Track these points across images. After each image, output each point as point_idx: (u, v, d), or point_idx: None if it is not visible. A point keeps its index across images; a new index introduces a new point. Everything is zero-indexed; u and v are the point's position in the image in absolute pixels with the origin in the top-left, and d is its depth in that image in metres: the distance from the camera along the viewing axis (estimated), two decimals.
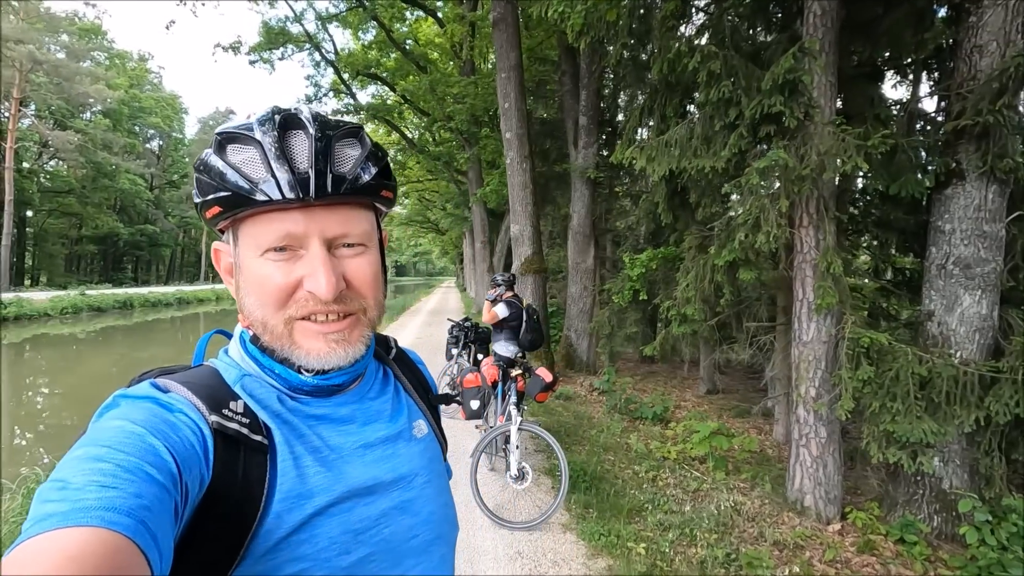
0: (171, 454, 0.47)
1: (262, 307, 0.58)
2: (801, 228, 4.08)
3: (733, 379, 9.43)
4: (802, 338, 4.05)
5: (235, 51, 15.72)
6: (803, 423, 4.00)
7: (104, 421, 0.49)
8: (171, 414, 0.52)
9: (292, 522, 0.54)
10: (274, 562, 0.52)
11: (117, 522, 0.38)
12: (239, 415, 0.55)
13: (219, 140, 0.58)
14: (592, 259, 9.24)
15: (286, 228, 0.56)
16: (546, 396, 3.76)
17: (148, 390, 0.54)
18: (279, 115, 0.58)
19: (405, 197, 30.01)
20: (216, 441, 0.52)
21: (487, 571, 2.79)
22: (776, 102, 3.78)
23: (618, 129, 10.03)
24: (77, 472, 0.42)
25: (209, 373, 0.60)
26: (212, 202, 0.57)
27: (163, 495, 0.43)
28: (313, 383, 0.61)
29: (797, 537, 3.41)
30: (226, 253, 0.63)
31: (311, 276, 0.56)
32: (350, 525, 0.58)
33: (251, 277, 0.59)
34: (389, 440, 0.67)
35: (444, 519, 0.70)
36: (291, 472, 0.56)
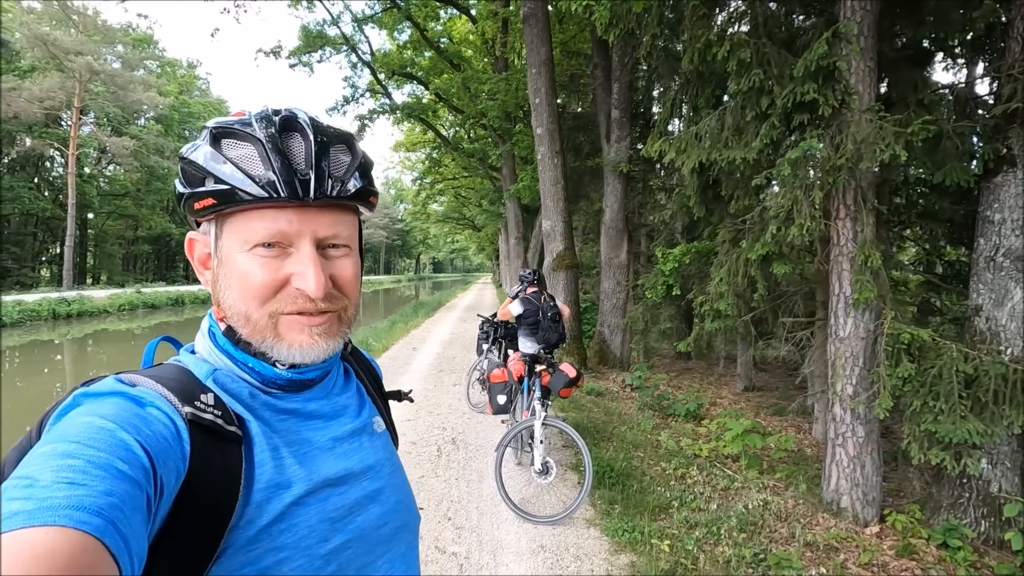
0: (143, 449, 0.46)
1: (245, 300, 0.59)
2: (838, 220, 3.93)
3: (773, 376, 9.17)
4: (838, 334, 3.91)
5: (276, 55, 16.18)
6: (839, 422, 3.87)
7: (69, 418, 0.48)
8: (142, 408, 0.51)
9: (272, 512, 0.55)
10: (255, 552, 0.53)
11: (86, 522, 0.37)
12: (211, 407, 0.55)
13: (213, 133, 0.58)
14: (625, 254, 9.13)
15: (278, 226, 0.57)
16: (570, 391, 3.75)
17: (114, 385, 0.53)
18: (278, 116, 0.59)
19: (441, 194, 30.30)
20: (192, 432, 0.52)
21: (509, 564, 2.82)
22: (809, 90, 3.65)
23: (652, 122, 9.87)
24: (45, 469, 0.40)
25: (175, 368, 0.60)
26: (205, 194, 0.57)
27: (135, 492, 0.42)
28: (288, 377, 0.62)
29: (831, 539, 3.30)
30: (202, 244, 0.63)
31: (301, 275, 0.58)
32: (326, 514, 0.60)
33: (235, 271, 0.59)
34: (355, 434, 0.68)
35: (408, 508, 0.72)
36: (269, 463, 0.57)
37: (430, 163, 24.90)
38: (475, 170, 20.11)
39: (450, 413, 5.85)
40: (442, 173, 25.77)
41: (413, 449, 4.59)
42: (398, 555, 0.68)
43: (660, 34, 6.34)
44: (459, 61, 16.45)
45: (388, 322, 15.03)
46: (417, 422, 5.45)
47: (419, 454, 4.48)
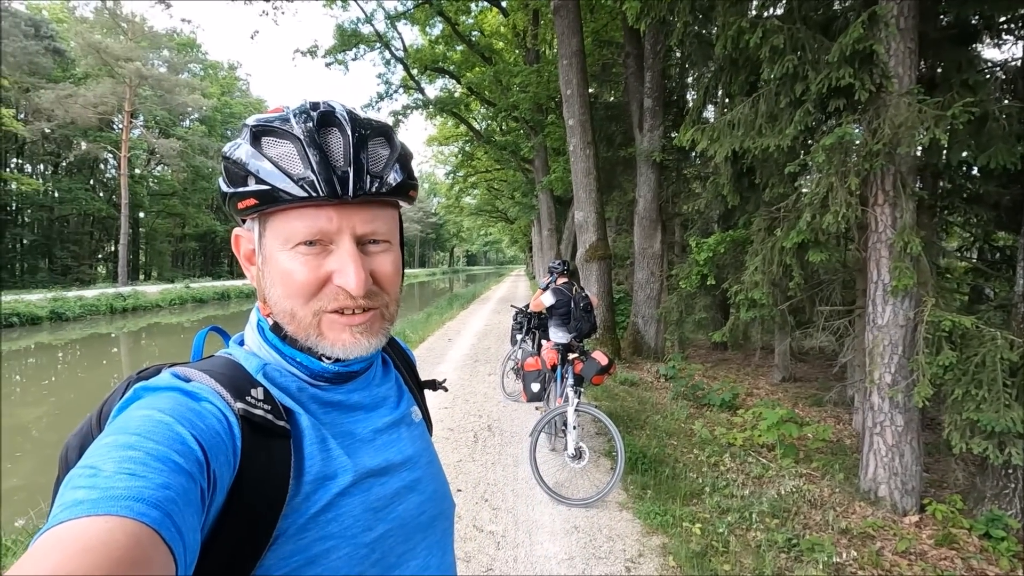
0: (198, 443, 0.48)
1: (289, 298, 0.59)
2: (876, 206, 3.86)
3: (812, 367, 8.99)
4: (876, 322, 3.86)
5: (312, 55, 16.59)
6: (877, 410, 3.83)
7: (130, 411, 0.50)
8: (197, 403, 0.53)
9: (320, 502, 0.57)
10: (305, 540, 0.55)
11: (144, 513, 0.39)
12: (261, 402, 0.57)
13: (253, 132, 0.58)
14: (659, 244, 9.08)
15: (319, 224, 0.57)
16: (602, 379, 3.82)
17: (170, 380, 0.55)
18: (315, 111, 0.59)
19: (474, 187, 30.51)
20: (243, 428, 0.54)
21: (544, 543, 2.94)
22: (845, 74, 3.60)
23: (685, 110, 9.74)
24: (107, 459, 0.42)
25: (226, 363, 0.61)
26: (247, 194, 0.57)
27: (190, 485, 0.44)
28: (334, 370, 0.64)
29: (867, 527, 3.30)
30: (247, 240, 0.64)
31: (341, 272, 0.58)
32: (369, 504, 0.62)
33: (278, 269, 0.59)
34: (394, 425, 0.71)
35: (444, 497, 0.75)
36: (317, 455, 0.59)
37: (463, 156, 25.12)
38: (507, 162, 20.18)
39: (485, 401, 6.00)
40: (475, 166, 25.95)
41: (451, 435, 4.76)
42: (435, 542, 0.70)
43: (693, 20, 6.28)
44: (490, 54, 16.52)
45: (424, 314, 15.34)
46: (454, 409, 5.62)
47: (456, 440, 4.64)
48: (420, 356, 9.05)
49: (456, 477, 3.82)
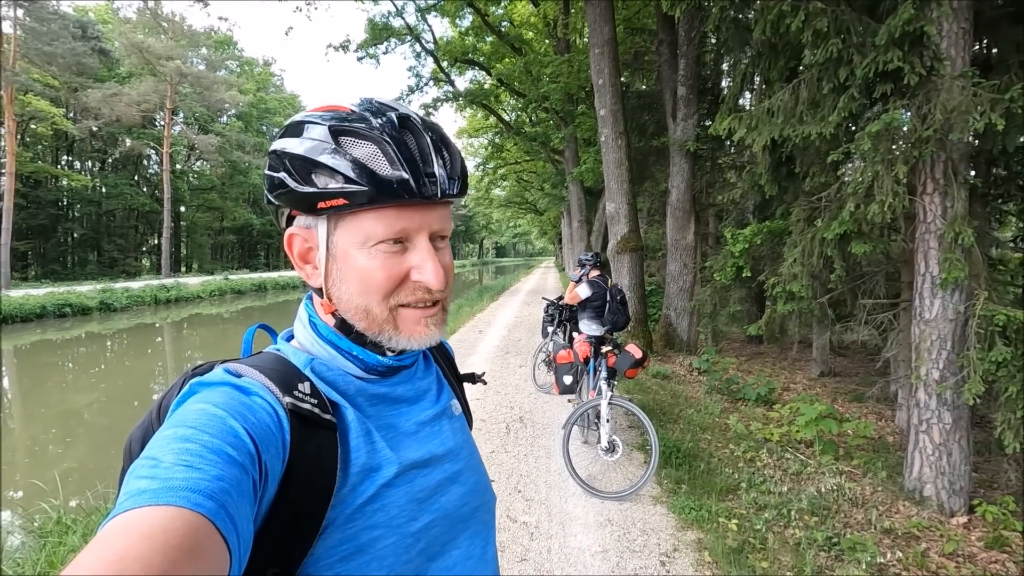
0: (250, 436, 0.49)
1: (366, 295, 0.61)
2: (924, 195, 3.71)
3: (852, 361, 8.73)
4: (924, 316, 3.71)
5: (344, 49, 16.81)
6: (924, 407, 3.69)
7: (187, 406, 0.52)
8: (248, 397, 0.55)
9: (366, 493, 0.59)
10: (353, 529, 0.57)
11: (200, 504, 0.41)
12: (308, 396, 0.58)
13: (332, 130, 0.59)
14: (692, 235, 8.93)
15: (401, 223, 0.59)
16: (636, 372, 3.79)
17: (223, 376, 0.57)
18: (391, 112, 0.61)
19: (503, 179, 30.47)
20: (292, 421, 0.55)
21: (577, 535, 2.94)
22: (893, 57, 3.45)
23: (720, 98, 9.50)
24: (167, 451, 0.45)
25: (275, 358, 0.63)
26: (335, 194, 0.57)
27: (242, 476, 0.46)
28: (388, 363, 0.66)
29: (912, 527, 3.19)
30: (304, 239, 0.63)
31: (420, 268, 0.60)
32: (414, 495, 0.63)
33: (355, 267, 0.60)
34: (436, 418, 0.72)
35: (485, 488, 0.76)
36: (363, 448, 0.61)
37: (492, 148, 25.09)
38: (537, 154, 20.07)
39: (517, 393, 6.03)
40: (504, 158, 25.91)
41: (483, 426, 4.80)
42: (476, 532, 0.71)
43: (730, 5, 6.11)
44: (520, 44, 16.43)
45: (455, 306, 15.46)
46: (486, 401, 5.67)
47: (489, 431, 4.68)
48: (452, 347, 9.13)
49: (489, 468, 3.85)
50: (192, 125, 37.90)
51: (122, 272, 33.81)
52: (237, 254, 49.37)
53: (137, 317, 19.46)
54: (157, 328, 18.30)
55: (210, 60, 38.10)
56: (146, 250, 40.93)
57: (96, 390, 10.34)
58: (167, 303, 22.94)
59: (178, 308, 22.66)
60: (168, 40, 32.72)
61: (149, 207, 36.66)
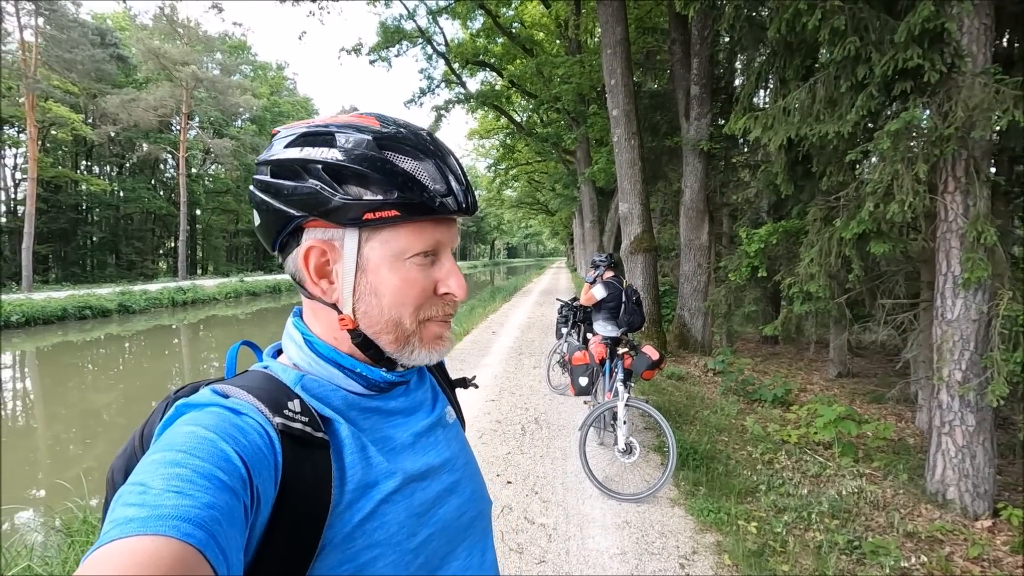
0: (241, 459, 0.48)
1: (399, 308, 0.61)
2: (946, 194, 3.66)
3: (870, 362, 8.62)
4: (946, 316, 3.66)
5: (356, 53, 16.95)
6: (946, 409, 3.64)
7: (174, 428, 0.51)
8: (238, 418, 0.53)
9: (363, 510, 0.57)
10: (352, 550, 0.55)
11: (190, 534, 0.40)
12: (298, 414, 0.56)
13: (379, 143, 0.58)
14: (706, 235, 8.87)
15: (437, 236, 0.61)
16: (652, 373, 3.78)
17: (211, 397, 0.55)
18: (421, 130, 0.63)
19: (515, 180, 30.51)
20: (283, 442, 0.54)
21: (595, 536, 2.94)
22: (913, 55, 3.41)
23: (734, 97, 9.44)
24: (156, 476, 0.43)
25: (262, 376, 0.61)
26: (389, 205, 0.57)
27: (234, 502, 0.45)
28: (391, 379, 0.65)
29: (935, 530, 3.15)
30: (323, 251, 0.61)
31: (448, 280, 0.63)
32: (413, 509, 0.62)
33: (389, 280, 0.60)
34: (432, 428, 0.71)
35: (482, 497, 0.76)
36: (358, 464, 0.59)
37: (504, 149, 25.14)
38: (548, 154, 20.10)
39: (531, 394, 6.03)
40: (516, 159, 25.95)
41: (499, 428, 4.81)
42: (474, 542, 0.70)
43: (744, 3, 6.07)
44: (531, 45, 16.45)
45: (467, 307, 15.49)
46: (501, 402, 5.68)
47: (504, 432, 4.69)
48: (465, 349, 9.17)
49: (505, 469, 3.86)
50: (207, 129, 38.36)
51: (140, 275, 34.33)
52: (251, 256, 49.87)
53: (155, 319, 19.76)
54: (174, 330, 18.55)
55: (224, 65, 38.56)
56: (163, 253, 41.50)
57: (115, 391, 10.52)
58: (184, 305, 23.25)
59: (195, 310, 22.95)
60: (184, 45, 33.16)
61: (166, 210, 37.20)
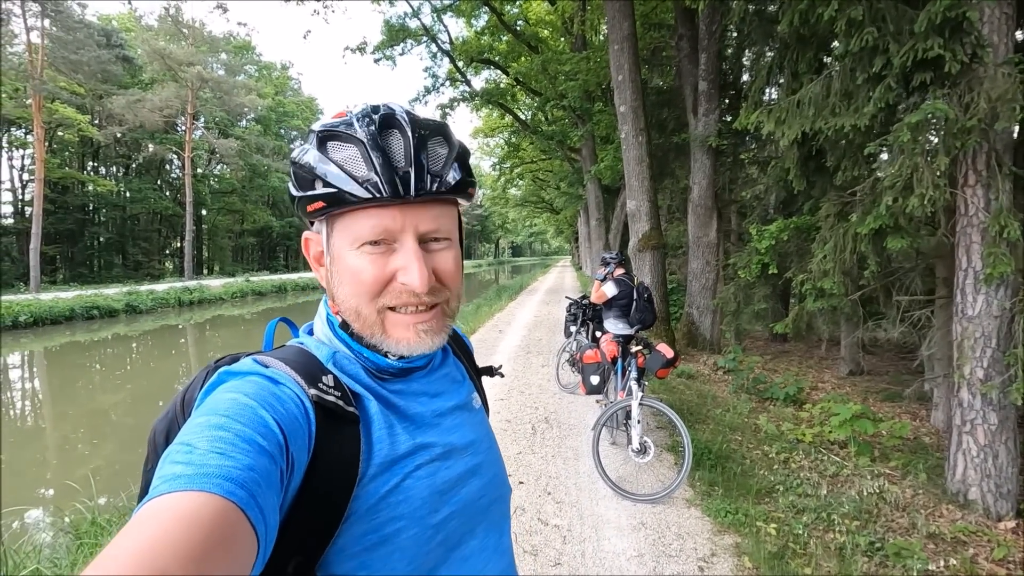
0: (279, 426, 0.51)
1: (356, 296, 0.61)
2: (966, 188, 3.58)
3: (882, 360, 8.52)
4: (966, 312, 3.58)
5: (361, 51, 16.90)
6: (967, 407, 3.56)
7: (217, 393, 0.54)
8: (277, 387, 0.56)
9: (388, 484, 0.59)
10: (377, 520, 0.57)
11: (233, 492, 0.42)
12: (331, 388, 0.59)
13: (320, 136, 0.60)
14: (715, 232, 8.79)
15: (383, 224, 0.59)
16: (667, 372, 3.72)
17: (252, 366, 0.58)
18: (376, 114, 0.60)
19: (519, 178, 30.43)
20: (317, 413, 0.56)
21: (611, 538, 2.88)
22: (934, 45, 3.33)
23: (742, 92, 9.34)
24: (201, 438, 0.46)
25: (298, 351, 0.64)
26: (315, 198, 0.59)
27: (271, 467, 0.47)
28: (398, 366, 0.66)
29: (958, 531, 3.08)
30: (316, 242, 0.66)
31: (405, 269, 0.60)
32: (436, 487, 0.63)
33: (346, 268, 0.61)
34: (456, 410, 0.72)
35: (503, 482, 0.77)
36: (385, 439, 0.61)
37: (509, 148, 25.07)
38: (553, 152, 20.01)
39: (541, 393, 5.98)
40: (521, 157, 25.87)
41: (508, 427, 4.76)
42: (492, 524, 0.72)
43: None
44: (536, 43, 16.35)
45: (473, 306, 15.45)
46: (510, 401, 5.63)
47: (515, 431, 4.64)
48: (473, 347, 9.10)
49: (517, 469, 3.81)
50: (212, 129, 38.44)
51: (146, 275, 34.46)
52: (257, 256, 50.02)
53: (162, 319, 19.82)
54: (181, 329, 18.61)
55: (229, 65, 38.66)
56: (169, 253, 41.64)
57: (122, 390, 10.53)
58: (190, 305, 23.32)
59: (201, 310, 23.01)
60: (189, 46, 33.24)
61: (172, 211, 37.32)
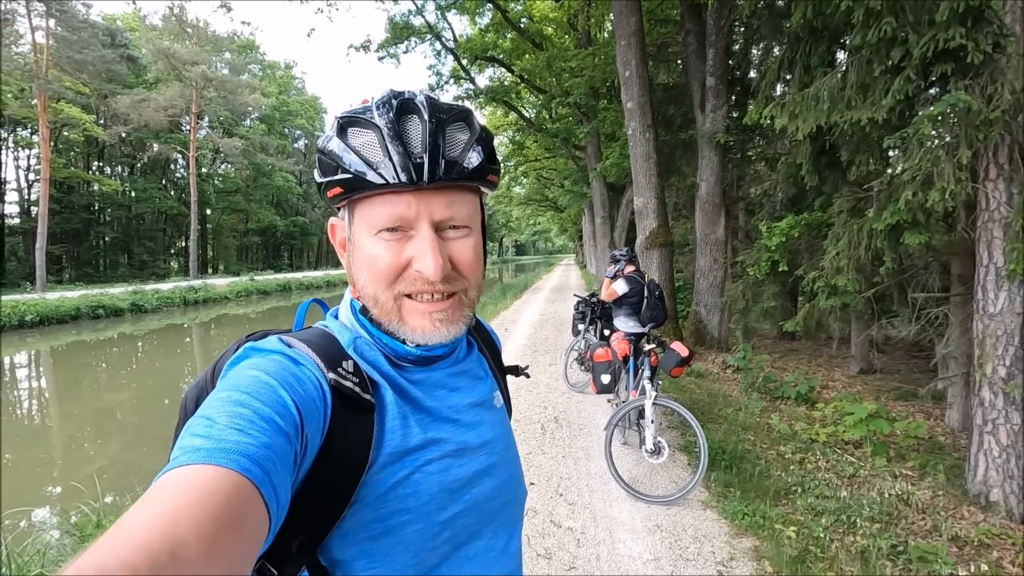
0: (296, 407, 0.51)
1: (373, 283, 0.61)
2: (987, 182, 3.50)
3: (892, 358, 8.41)
4: (987, 309, 3.50)
5: (365, 50, 16.84)
6: (988, 407, 3.48)
7: (241, 369, 0.55)
8: (298, 368, 0.56)
9: (396, 475, 0.59)
10: (384, 511, 0.57)
11: (249, 469, 0.43)
12: (350, 374, 0.59)
13: (340, 123, 0.61)
14: (723, 230, 8.69)
15: (398, 210, 0.59)
16: (681, 371, 3.64)
17: (277, 344, 0.60)
18: (396, 99, 0.60)
19: (524, 176, 30.33)
20: (334, 397, 0.57)
21: (626, 541, 2.81)
22: (955, 35, 3.24)
23: (750, 88, 9.24)
24: (221, 413, 0.47)
25: (322, 334, 0.64)
26: (334, 183, 0.60)
27: (287, 446, 0.48)
28: (417, 353, 0.65)
29: (981, 534, 3.00)
30: (340, 228, 0.67)
31: (420, 257, 0.59)
32: (446, 484, 0.63)
33: (364, 254, 0.61)
34: (475, 407, 0.70)
35: (518, 484, 0.75)
36: (398, 430, 0.61)
37: (513, 146, 24.97)
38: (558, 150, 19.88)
39: (549, 392, 5.91)
40: (525, 155, 25.77)
41: (517, 427, 4.69)
42: (502, 526, 0.70)
43: None
44: (541, 40, 16.27)
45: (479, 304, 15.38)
46: (518, 400, 5.56)
47: (524, 431, 4.57)
48: None
49: (527, 470, 3.75)
50: (217, 129, 38.50)
51: (152, 274, 34.54)
52: (261, 255, 50.10)
53: (167, 318, 19.83)
54: (186, 329, 18.62)
55: (233, 64, 38.68)
56: (174, 252, 41.75)
57: (128, 390, 10.52)
58: (195, 304, 23.34)
59: (206, 309, 23.04)
60: (193, 46, 33.27)
61: (176, 210, 37.40)
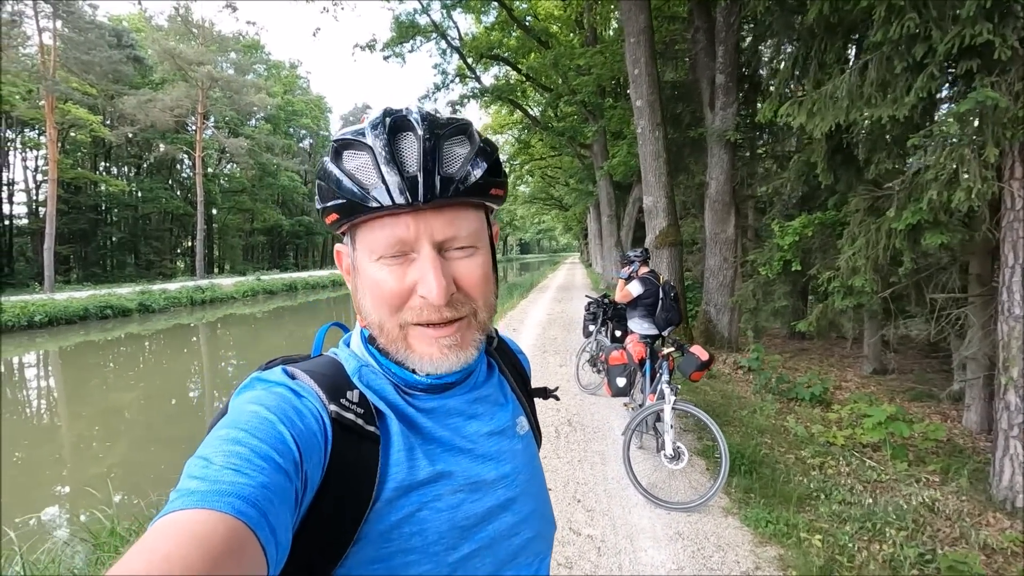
0: (296, 443, 0.49)
1: (378, 310, 0.59)
2: (1012, 180, 3.42)
3: (905, 357, 8.32)
4: (1012, 311, 3.43)
5: (371, 49, 16.84)
6: (1014, 410, 3.41)
7: (242, 403, 0.53)
8: (299, 400, 0.54)
9: (402, 512, 0.56)
10: (387, 550, 0.54)
11: (244, 512, 0.41)
12: (355, 405, 0.57)
13: (335, 147, 0.59)
14: (733, 228, 8.61)
15: (397, 234, 0.56)
16: (701, 375, 3.56)
17: (280, 376, 0.57)
18: (389, 117, 0.57)
19: (529, 175, 30.28)
20: (335, 429, 0.55)
21: (647, 549, 2.76)
22: (982, 30, 3.17)
23: (760, 85, 9.15)
24: (218, 452, 0.45)
25: (329, 362, 0.62)
26: (330, 209, 0.58)
27: (286, 484, 0.46)
28: (427, 382, 0.62)
29: (1010, 542, 2.93)
30: (346, 255, 0.64)
31: (422, 281, 0.56)
32: (457, 521, 0.59)
33: (367, 281, 0.59)
34: (494, 436, 0.66)
35: (543, 517, 0.70)
36: (403, 463, 0.58)
37: (518, 144, 24.93)
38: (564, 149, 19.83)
39: (561, 394, 5.83)
40: (530, 154, 25.72)
41: None
42: (524, 564, 0.65)
43: None
44: (546, 38, 16.21)
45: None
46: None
47: None
48: None
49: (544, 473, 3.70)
50: (223, 129, 38.58)
51: (159, 274, 34.67)
52: (267, 255, 50.24)
53: (174, 318, 19.90)
54: (193, 328, 18.68)
55: (239, 64, 38.68)
56: (181, 252, 41.90)
57: (136, 389, 10.54)
58: (202, 304, 23.43)
59: (213, 309, 23.10)
60: (199, 46, 33.30)
61: (183, 210, 37.53)
